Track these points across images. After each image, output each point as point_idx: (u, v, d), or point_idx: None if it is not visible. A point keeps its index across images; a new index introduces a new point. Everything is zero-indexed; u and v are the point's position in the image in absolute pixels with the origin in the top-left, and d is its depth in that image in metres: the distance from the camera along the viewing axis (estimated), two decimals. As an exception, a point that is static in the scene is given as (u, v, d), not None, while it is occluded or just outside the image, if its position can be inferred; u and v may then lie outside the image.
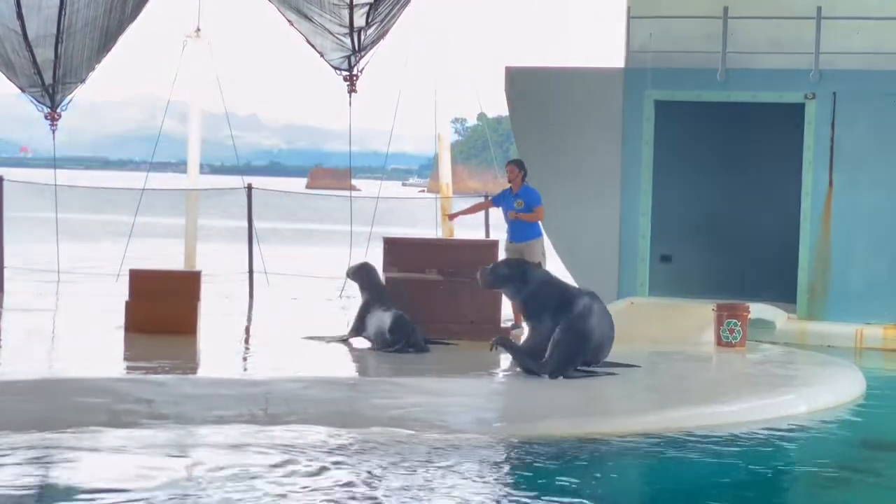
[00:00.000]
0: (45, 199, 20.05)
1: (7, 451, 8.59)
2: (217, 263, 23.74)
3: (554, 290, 11.73)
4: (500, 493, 8.16)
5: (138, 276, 13.67)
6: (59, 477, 8.15)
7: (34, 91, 17.67)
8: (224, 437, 9.15)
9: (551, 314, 11.43)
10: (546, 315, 11.45)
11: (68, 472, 8.24)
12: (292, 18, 18.00)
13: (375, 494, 7.92)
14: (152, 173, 21.46)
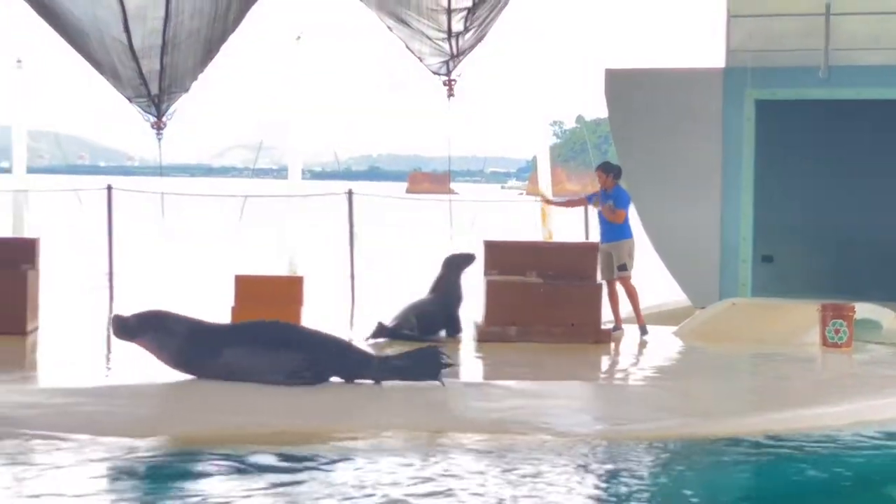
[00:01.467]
0: (153, 207, 20.44)
1: (119, 454, 8.81)
2: (320, 266, 24.05)
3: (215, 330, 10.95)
4: (602, 496, 8.18)
5: (243, 281, 13.88)
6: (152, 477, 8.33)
7: (140, 101, 17.99)
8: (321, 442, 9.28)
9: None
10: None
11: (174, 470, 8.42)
12: (391, 24, 18.11)
13: (477, 498, 7.98)
14: (254, 179, 21.74)
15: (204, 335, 10.68)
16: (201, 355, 10.53)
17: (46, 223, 21.82)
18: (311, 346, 10.71)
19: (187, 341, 10.58)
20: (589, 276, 14.11)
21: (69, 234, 22.53)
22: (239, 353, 10.50)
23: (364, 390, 10.48)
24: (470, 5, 17.29)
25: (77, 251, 21.45)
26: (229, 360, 10.46)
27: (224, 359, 10.47)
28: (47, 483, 8.11)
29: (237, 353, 10.50)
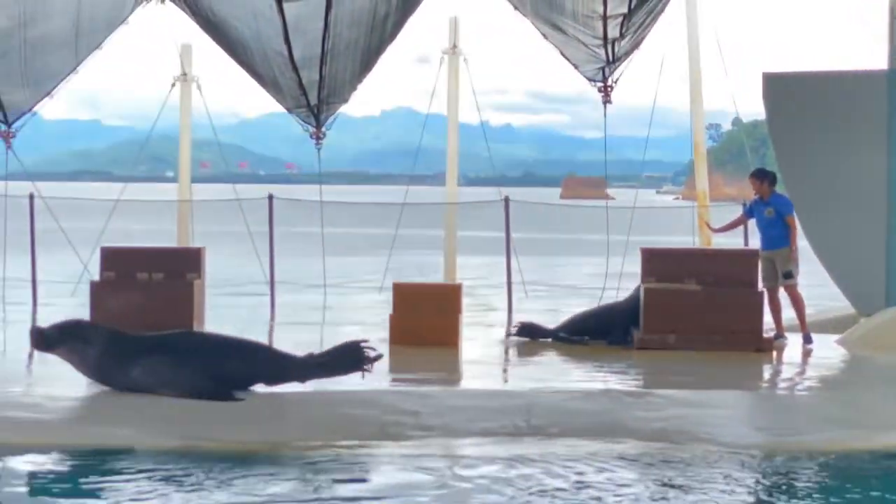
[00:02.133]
0: (311, 214, 20.74)
1: (278, 463, 8.96)
2: (476, 274, 24.12)
3: (129, 341, 10.71)
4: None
5: (401, 289, 14.01)
6: (327, 487, 8.45)
7: (300, 111, 18.34)
8: (489, 449, 9.32)
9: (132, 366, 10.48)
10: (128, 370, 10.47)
11: (336, 483, 8.53)
12: (546, 32, 18.10)
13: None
14: (411, 186, 21.93)
15: (120, 346, 10.59)
16: (115, 366, 10.48)
17: (211, 231, 22.31)
18: (218, 357, 10.63)
19: (104, 352, 10.52)
20: (749, 283, 13.90)
21: (232, 242, 22.99)
22: (148, 365, 10.41)
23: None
24: (626, 11, 17.18)
25: (240, 259, 21.89)
26: (138, 374, 10.38)
27: (134, 372, 10.40)
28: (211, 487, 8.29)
29: (146, 366, 10.41)
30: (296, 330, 15.86)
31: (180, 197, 20.43)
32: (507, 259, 18.95)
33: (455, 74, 20.03)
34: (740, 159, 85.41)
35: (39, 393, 10.73)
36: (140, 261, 14.02)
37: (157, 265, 13.92)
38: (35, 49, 17.60)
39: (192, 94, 20.04)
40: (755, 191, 14.49)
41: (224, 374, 10.51)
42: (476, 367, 12.80)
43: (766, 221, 14.37)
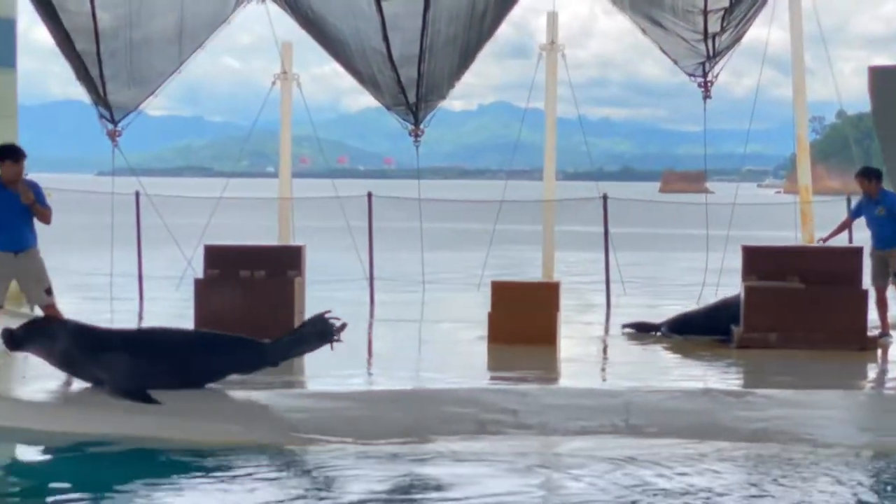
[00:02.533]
0: (409, 209, 20.84)
1: (378, 459, 9.04)
2: (574, 270, 24.06)
3: (90, 334, 10.75)
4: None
5: (500, 287, 14.02)
6: (425, 485, 8.51)
7: (399, 109, 18.42)
8: (587, 448, 9.31)
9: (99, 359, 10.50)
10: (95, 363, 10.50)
11: (434, 480, 8.58)
12: (645, 27, 17.99)
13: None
14: (509, 181, 21.92)
15: (86, 340, 10.63)
16: (79, 361, 10.56)
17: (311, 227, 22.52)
18: (188, 351, 10.69)
19: (71, 345, 10.54)
20: (853, 281, 13.69)
21: (332, 238, 23.19)
22: (111, 359, 10.43)
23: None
24: (727, 5, 17.01)
25: (340, 255, 22.08)
26: (101, 367, 10.44)
27: (98, 365, 10.45)
28: (315, 485, 8.39)
29: (110, 360, 10.43)
30: (394, 327, 15.97)
31: (281, 194, 20.64)
32: (605, 257, 18.86)
33: (553, 69, 19.98)
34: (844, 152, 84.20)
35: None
36: (242, 259, 14.20)
37: (258, 263, 14.09)
38: (140, 49, 17.91)
39: (292, 91, 20.24)
40: (863, 190, 14.24)
41: (197, 367, 10.62)
42: (574, 365, 12.79)
43: (878, 220, 14.12)
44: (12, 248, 11.28)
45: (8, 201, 11.18)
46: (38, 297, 11.53)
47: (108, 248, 19.28)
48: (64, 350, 10.53)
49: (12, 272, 11.37)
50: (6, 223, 11.23)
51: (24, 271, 11.40)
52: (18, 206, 11.18)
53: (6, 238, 11.26)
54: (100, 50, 17.52)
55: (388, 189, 25.81)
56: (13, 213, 11.20)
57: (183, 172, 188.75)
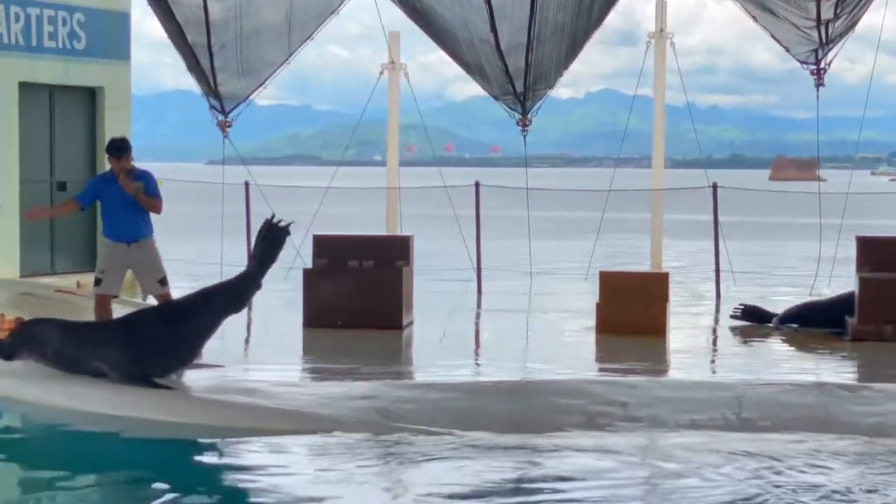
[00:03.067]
0: (516, 197, 20.78)
1: (487, 451, 9.02)
2: (683, 260, 23.83)
3: (76, 333, 10.58)
4: None
5: (608, 278, 13.93)
6: (532, 477, 8.47)
7: (507, 99, 18.38)
8: (699, 442, 9.20)
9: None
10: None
11: (541, 473, 8.54)
12: (756, 14, 17.73)
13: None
14: (617, 169, 21.77)
15: (78, 335, 10.55)
16: (74, 358, 10.43)
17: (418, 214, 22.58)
18: (181, 320, 10.62)
19: (64, 344, 10.45)
20: (972, 272, 13.36)
21: (439, 226, 23.23)
22: (108, 350, 10.37)
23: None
24: (842, -9, 16.69)
25: (447, 243, 22.11)
26: (100, 359, 10.34)
27: (97, 357, 10.35)
28: (421, 476, 8.40)
29: (107, 351, 10.36)
30: (501, 317, 15.95)
31: (389, 183, 20.73)
32: (715, 247, 18.62)
33: (662, 57, 19.78)
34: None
35: (255, 377, 11.05)
36: (351, 248, 14.28)
37: (367, 252, 14.15)
38: (250, 40, 18.11)
39: (399, 80, 20.31)
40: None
41: (195, 330, 10.61)
42: (684, 356, 12.66)
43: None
44: (125, 239, 11.43)
45: (119, 193, 11.35)
46: (152, 286, 11.69)
47: (217, 237, 19.53)
48: (57, 350, 10.47)
49: (126, 263, 11.53)
50: (118, 215, 11.40)
51: (138, 262, 11.55)
52: (129, 197, 11.35)
53: (118, 229, 11.44)
54: (210, 42, 17.77)
55: (494, 178, 25.81)
56: (124, 204, 11.36)
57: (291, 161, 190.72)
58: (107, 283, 11.49)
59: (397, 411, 9.86)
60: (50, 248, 18.33)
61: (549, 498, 7.94)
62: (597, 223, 20.62)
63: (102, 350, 10.40)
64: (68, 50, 18.25)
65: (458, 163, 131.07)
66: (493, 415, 9.85)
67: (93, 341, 10.51)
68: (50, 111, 18.37)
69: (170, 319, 10.76)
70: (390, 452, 8.97)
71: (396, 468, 8.66)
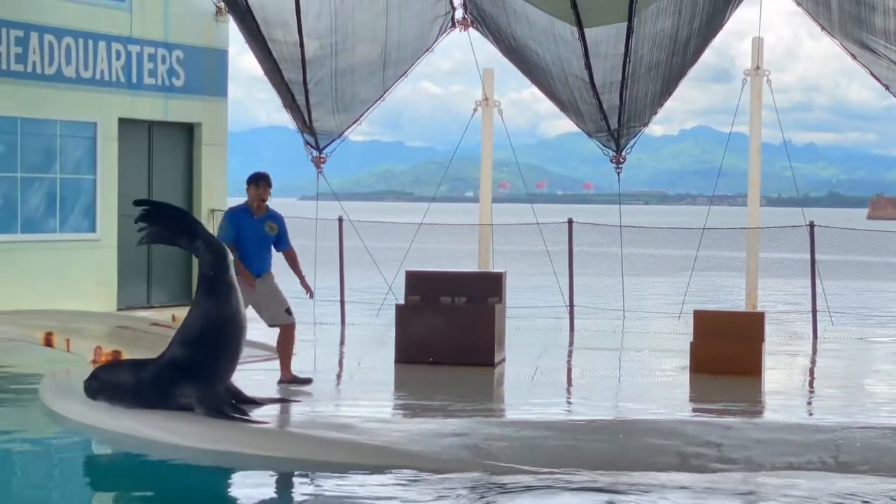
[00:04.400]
0: (609, 233, 20.69)
1: (579, 490, 8.95)
2: (779, 299, 23.53)
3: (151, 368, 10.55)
4: None
5: (703, 316, 13.78)
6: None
7: (600, 136, 18.35)
8: (794, 486, 9.04)
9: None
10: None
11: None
12: (854, 51, 17.54)
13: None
14: (711, 207, 21.58)
15: (148, 375, 10.51)
16: (155, 394, 10.43)
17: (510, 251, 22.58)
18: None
19: (146, 382, 10.46)
20: None
21: (532, 263, 23.19)
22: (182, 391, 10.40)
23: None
24: (943, 27, 16.44)
25: (539, 280, 22.06)
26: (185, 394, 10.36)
27: (182, 393, 10.37)
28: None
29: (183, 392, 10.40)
30: (594, 355, 15.84)
31: (481, 220, 20.74)
32: (812, 287, 18.34)
33: (758, 94, 19.62)
34: None
35: (347, 413, 11.08)
36: (443, 285, 14.27)
37: (459, 289, 14.14)
38: (345, 77, 18.29)
39: (493, 117, 20.35)
40: None
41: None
42: (779, 397, 12.45)
43: None
44: (253, 273, 11.72)
45: (256, 228, 11.79)
46: (280, 316, 11.93)
47: (311, 271, 19.68)
48: (136, 389, 10.48)
49: (252, 296, 11.70)
50: (251, 249, 11.75)
51: (263, 295, 11.80)
52: (265, 234, 11.82)
53: (249, 264, 11.71)
54: (306, 78, 17.98)
55: (587, 214, 25.72)
56: (258, 240, 11.78)
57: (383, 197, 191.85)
58: None
59: (489, 449, 9.82)
60: (147, 281, 18.61)
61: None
62: (691, 261, 20.44)
63: (179, 386, 10.45)
64: (167, 87, 18.57)
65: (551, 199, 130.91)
66: (586, 453, 9.77)
67: (166, 378, 10.51)
68: (148, 146, 18.70)
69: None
70: (481, 490, 8.93)
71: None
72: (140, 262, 18.32)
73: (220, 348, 10.54)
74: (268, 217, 11.89)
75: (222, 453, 9.80)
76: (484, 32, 17.98)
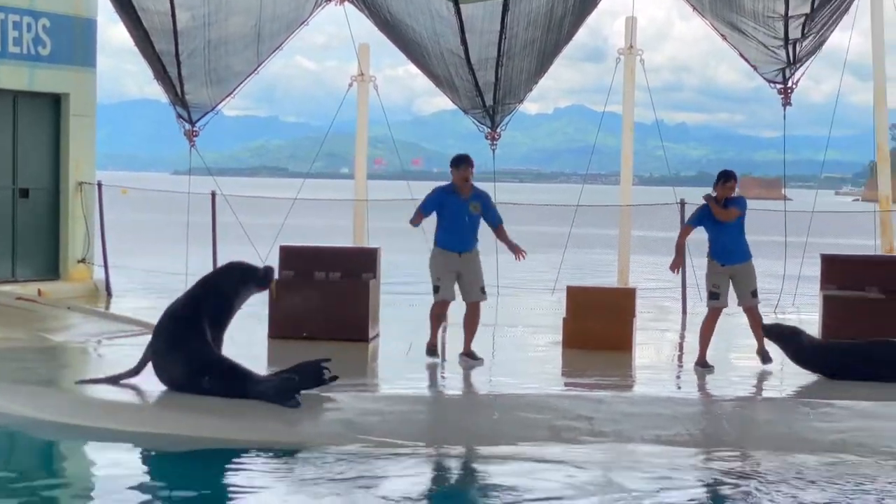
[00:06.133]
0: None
1: (448, 463, 9.00)
2: (650, 276, 23.87)
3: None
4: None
5: (575, 292, 13.94)
6: (496, 489, 8.45)
7: (476, 113, 18.38)
8: (663, 458, 9.20)
9: None
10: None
11: (504, 486, 8.52)
12: (724, 32, 17.81)
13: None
14: (585, 185, 21.77)
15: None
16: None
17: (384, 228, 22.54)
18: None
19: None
20: (935, 292, 13.43)
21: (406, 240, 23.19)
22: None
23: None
24: (808, 11, 16.77)
25: (412, 257, 22.06)
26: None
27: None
28: (385, 489, 8.36)
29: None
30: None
31: (357, 196, 20.67)
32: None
33: (631, 73, 19.84)
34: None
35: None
36: (318, 260, 14.21)
37: (334, 264, 14.10)
38: (218, 49, 18.02)
39: (368, 92, 20.26)
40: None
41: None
42: (649, 372, 12.64)
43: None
44: (457, 249, 12.39)
45: (460, 206, 12.38)
46: (475, 293, 12.55)
47: (183, 246, 19.42)
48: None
49: (456, 270, 12.41)
50: (456, 226, 12.37)
51: (466, 270, 12.43)
52: (469, 212, 12.38)
53: (453, 239, 12.39)
54: (178, 50, 17.66)
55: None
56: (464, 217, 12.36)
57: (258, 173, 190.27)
58: (443, 290, 12.51)
59: (363, 424, 9.81)
60: (11, 256, 18.16)
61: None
62: (564, 238, 20.60)
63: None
64: (33, 56, 18.10)
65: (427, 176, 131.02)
66: (459, 428, 9.81)
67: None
68: (13, 117, 18.21)
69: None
70: (354, 465, 8.92)
71: (359, 481, 8.61)
72: (4, 237, 17.89)
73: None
74: (473, 197, 12.39)
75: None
76: (360, 7, 17.86)
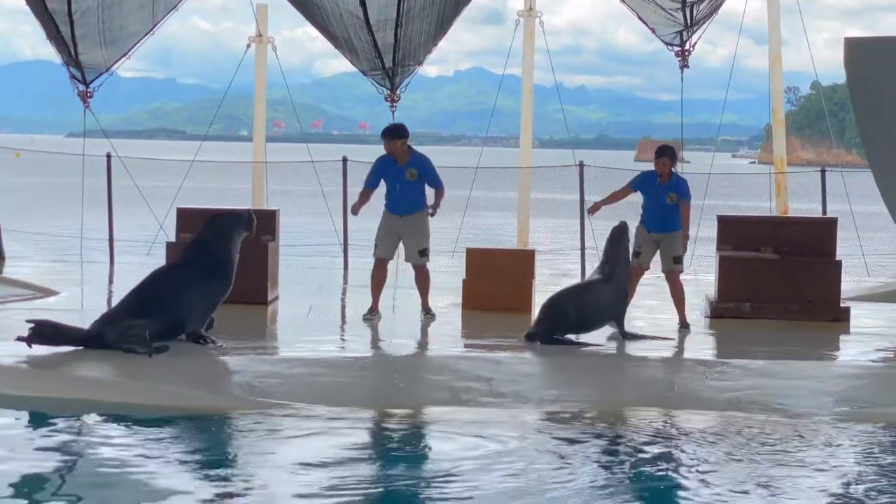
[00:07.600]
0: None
1: (348, 426, 9.00)
2: (550, 238, 24.03)
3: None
4: (844, 482, 7.95)
5: (475, 254, 13.98)
6: (392, 450, 8.50)
7: (375, 74, 18.31)
8: (561, 418, 9.29)
9: None
10: None
11: (405, 446, 8.57)
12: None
13: (710, 481, 7.87)
14: (485, 148, 21.84)
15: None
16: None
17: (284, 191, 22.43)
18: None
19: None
20: (827, 252, 13.70)
21: (306, 202, 23.07)
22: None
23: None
24: (705, -26, 16.94)
25: (313, 220, 21.98)
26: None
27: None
28: (287, 452, 8.34)
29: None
30: (367, 294, 15.87)
31: (255, 158, 20.54)
32: (581, 225, 18.80)
33: (530, 36, 19.91)
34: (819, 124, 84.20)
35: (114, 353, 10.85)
36: (215, 222, 14.03)
37: (231, 226, 13.92)
38: (112, 8, 17.70)
39: (267, 54, 20.09)
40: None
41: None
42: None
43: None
44: (399, 212, 12.82)
45: (398, 173, 12.81)
46: (413, 255, 13.01)
47: (78, 209, 19.13)
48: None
49: (397, 231, 12.86)
50: (396, 191, 12.80)
51: (407, 231, 12.86)
52: (407, 178, 12.80)
53: (395, 203, 12.83)
54: (71, 9, 17.30)
55: (363, 154, 25.64)
56: (403, 183, 12.79)
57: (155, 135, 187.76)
58: (379, 249, 12.97)
59: (261, 386, 9.77)
60: None
61: (406, 473, 7.95)
62: (464, 201, 20.65)
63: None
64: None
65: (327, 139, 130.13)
66: (358, 390, 9.82)
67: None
68: None
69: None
70: (253, 427, 8.89)
71: (258, 443, 8.58)
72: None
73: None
74: (411, 164, 12.81)
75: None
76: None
